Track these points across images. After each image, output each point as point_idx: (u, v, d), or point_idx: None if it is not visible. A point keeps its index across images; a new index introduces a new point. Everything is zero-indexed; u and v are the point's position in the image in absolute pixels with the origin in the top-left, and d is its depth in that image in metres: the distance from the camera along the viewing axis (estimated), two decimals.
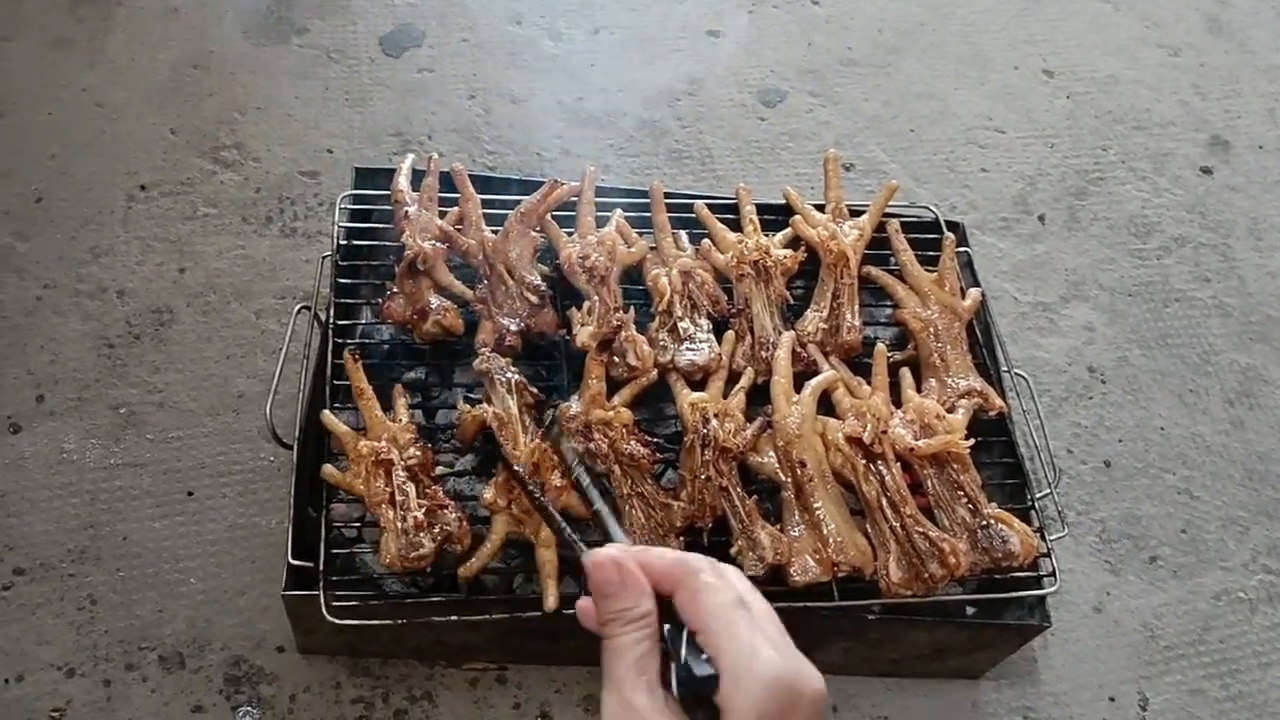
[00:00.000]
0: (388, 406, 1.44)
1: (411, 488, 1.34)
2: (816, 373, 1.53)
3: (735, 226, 1.72)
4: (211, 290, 1.94)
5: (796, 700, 0.60)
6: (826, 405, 1.51)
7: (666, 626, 0.64)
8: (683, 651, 0.62)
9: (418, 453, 1.37)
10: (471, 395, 1.57)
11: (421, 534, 1.30)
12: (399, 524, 1.31)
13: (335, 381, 1.47)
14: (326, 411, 1.41)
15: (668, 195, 1.73)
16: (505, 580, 1.47)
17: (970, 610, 1.57)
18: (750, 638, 0.62)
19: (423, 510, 1.32)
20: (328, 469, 1.36)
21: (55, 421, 1.75)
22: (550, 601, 1.31)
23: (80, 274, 1.93)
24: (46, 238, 1.98)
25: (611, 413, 1.43)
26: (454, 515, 1.32)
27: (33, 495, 1.67)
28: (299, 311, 1.60)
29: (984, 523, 1.41)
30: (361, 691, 1.54)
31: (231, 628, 1.58)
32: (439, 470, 1.43)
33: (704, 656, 0.61)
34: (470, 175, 1.68)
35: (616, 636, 0.64)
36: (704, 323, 1.57)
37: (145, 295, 1.92)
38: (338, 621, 1.30)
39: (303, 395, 1.50)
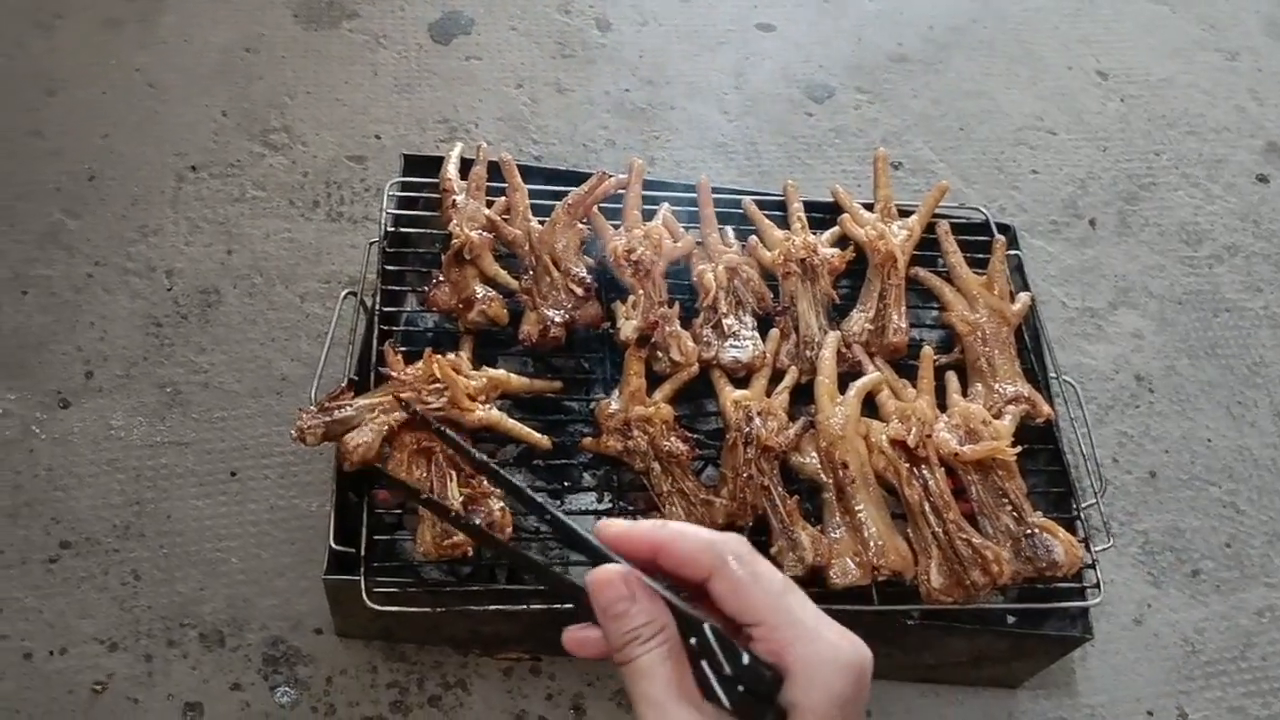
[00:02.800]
0: None
1: (452, 476, 1.35)
2: (861, 374, 1.51)
3: (782, 223, 1.71)
4: (258, 272, 1.96)
5: (865, 678, 0.57)
6: (871, 407, 1.50)
7: (707, 625, 0.57)
8: (744, 655, 0.57)
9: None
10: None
11: None
12: None
13: (379, 368, 1.47)
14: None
15: (714, 190, 1.72)
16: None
17: (1011, 619, 1.55)
18: (815, 624, 0.57)
19: (460, 500, 1.32)
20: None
21: (103, 398, 1.77)
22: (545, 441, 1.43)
23: (129, 253, 1.95)
24: (97, 216, 2.00)
25: (651, 409, 1.42)
26: (498, 505, 1.32)
27: (80, 470, 1.69)
28: (345, 296, 1.60)
29: (1028, 531, 1.39)
30: (397, 676, 1.55)
31: (270, 608, 1.59)
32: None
33: (747, 653, 0.57)
34: (517, 165, 1.68)
35: (638, 658, 0.57)
36: (749, 320, 1.56)
37: (193, 275, 1.94)
38: (378, 608, 1.31)
39: (347, 381, 1.50)
